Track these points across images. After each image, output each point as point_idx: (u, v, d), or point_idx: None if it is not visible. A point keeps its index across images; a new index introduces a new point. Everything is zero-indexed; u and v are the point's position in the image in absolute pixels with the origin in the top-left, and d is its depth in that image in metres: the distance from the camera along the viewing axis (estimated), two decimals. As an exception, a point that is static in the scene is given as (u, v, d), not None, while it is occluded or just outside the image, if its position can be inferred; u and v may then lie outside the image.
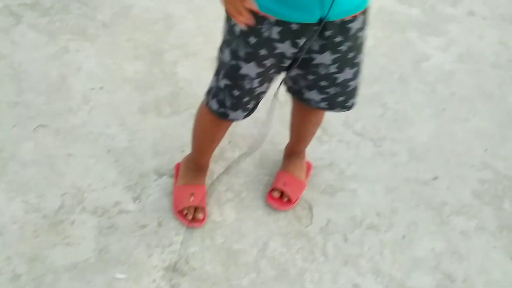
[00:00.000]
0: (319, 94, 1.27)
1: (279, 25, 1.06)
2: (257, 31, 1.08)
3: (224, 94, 1.23)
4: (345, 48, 1.15)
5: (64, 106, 1.71)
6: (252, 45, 1.10)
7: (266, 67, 1.16)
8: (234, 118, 1.29)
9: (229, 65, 1.17)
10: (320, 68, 1.19)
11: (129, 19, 2.07)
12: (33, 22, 1.94)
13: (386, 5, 2.46)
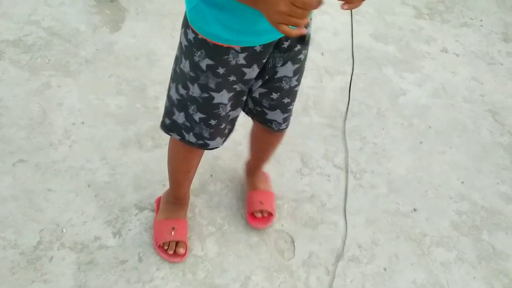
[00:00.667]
0: (282, 114, 1.30)
1: (244, 51, 1.09)
2: (224, 61, 1.10)
3: (200, 127, 1.23)
4: (303, 57, 1.21)
5: (45, 141, 1.71)
6: (221, 75, 1.13)
7: (237, 91, 1.19)
8: (214, 146, 1.28)
9: (201, 99, 1.17)
10: (283, 83, 1.22)
11: (112, 55, 2.10)
12: (15, 59, 1.95)
13: (363, 42, 2.54)
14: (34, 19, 2.15)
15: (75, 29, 2.18)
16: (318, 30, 2.60)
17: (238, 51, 1.08)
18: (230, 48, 1.07)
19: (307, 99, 2.11)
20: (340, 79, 2.26)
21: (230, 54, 1.09)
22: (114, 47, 2.14)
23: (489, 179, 1.92)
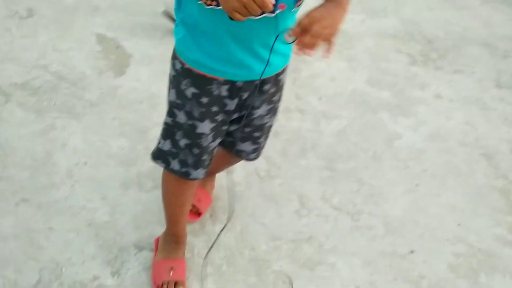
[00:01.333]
0: (251, 145, 1.40)
1: (227, 84, 1.19)
2: (208, 91, 1.19)
3: (185, 153, 1.28)
4: (277, 98, 1.32)
5: (48, 180, 1.74)
6: (205, 105, 1.21)
7: (218, 122, 1.26)
8: (195, 177, 1.32)
9: (187, 125, 1.24)
10: (256, 120, 1.33)
11: (116, 99, 2.17)
12: (21, 101, 2.02)
13: (358, 88, 2.62)
14: (42, 63, 2.24)
15: (81, 73, 2.26)
16: (315, 76, 2.69)
17: (221, 83, 1.19)
18: (213, 79, 1.18)
19: (304, 142, 2.16)
20: (337, 123, 2.32)
21: (214, 85, 1.19)
22: (118, 91, 2.21)
23: (485, 221, 1.94)
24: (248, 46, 1.13)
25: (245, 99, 1.24)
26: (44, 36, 2.40)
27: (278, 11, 1.06)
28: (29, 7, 2.56)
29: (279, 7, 1.05)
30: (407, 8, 3.87)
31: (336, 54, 2.95)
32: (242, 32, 1.11)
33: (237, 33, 1.11)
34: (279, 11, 1.06)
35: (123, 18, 2.71)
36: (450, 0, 4.20)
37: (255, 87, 1.21)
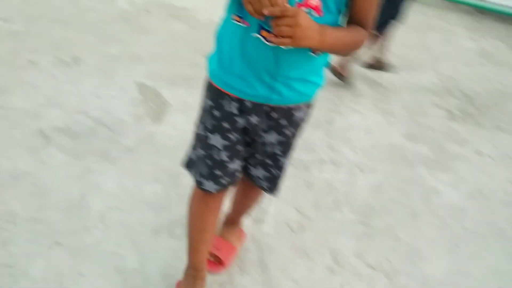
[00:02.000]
0: (264, 171, 1.42)
1: (237, 101, 1.26)
2: (220, 105, 1.28)
3: (201, 164, 1.36)
4: (289, 133, 1.34)
5: (81, 224, 1.75)
6: (217, 118, 1.29)
7: (232, 141, 1.31)
8: (207, 188, 1.36)
9: (202, 136, 1.34)
10: (267, 147, 1.36)
11: (152, 145, 2.20)
12: (61, 144, 2.07)
13: (394, 141, 2.58)
14: (84, 109, 2.31)
15: (120, 119, 2.31)
16: (349, 127, 2.67)
17: (232, 99, 1.26)
18: (225, 94, 1.26)
19: (338, 195, 2.12)
20: (372, 177, 2.27)
21: (225, 100, 1.26)
22: (155, 137, 2.24)
23: (532, 288, 1.81)
24: (255, 68, 1.20)
25: (255, 124, 1.30)
26: (87, 83, 2.49)
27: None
28: (75, 55, 2.68)
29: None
30: (444, 63, 3.86)
31: (372, 107, 2.94)
32: (253, 53, 1.18)
33: (249, 54, 1.19)
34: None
35: (163, 68, 2.80)
36: (488, 56, 4.17)
37: (264, 112, 1.27)
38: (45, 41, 2.72)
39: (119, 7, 3.33)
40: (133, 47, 2.92)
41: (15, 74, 2.40)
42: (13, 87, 2.31)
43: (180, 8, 3.54)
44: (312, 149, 2.39)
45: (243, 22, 1.17)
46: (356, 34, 1.20)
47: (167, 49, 3.00)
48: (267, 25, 1.11)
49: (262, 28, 1.14)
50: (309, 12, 1.11)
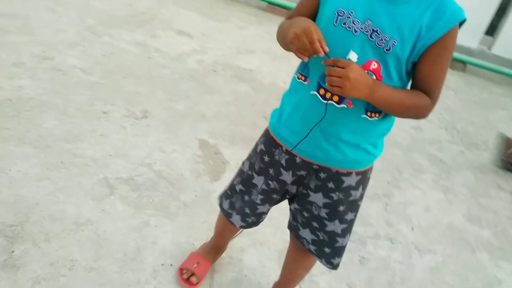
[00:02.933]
0: (310, 234, 1.42)
1: (288, 154, 1.33)
2: (272, 153, 1.36)
3: (236, 198, 1.49)
4: (336, 197, 1.34)
5: (134, 277, 1.78)
6: (265, 163, 1.39)
7: (270, 188, 1.41)
8: (234, 221, 1.52)
9: (246, 174, 1.45)
10: (313, 207, 1.37)
11: (209, 203, 2.24)
12: (124, 195, 2.15)
13: (455, 222, 2.48)
14: (148, 162, 2.40)
15: (181, 174, 2.38)
16: (408, 203, 2.61)
17: (283, 152, 1.34)
18: (279, 144, 1.35)
19: (393, 274, 2.04)
20: (430, 258, 2.18)
21: (277, 150, 1.35)
22: (212, 195, 2.28)
23: None
24: (309, 125, 1.26)
25: (304, 179, 1.35)
26: (153, 137, 2.60)
27: (343, 105, 1.20)
28: (145, 109, 2.82)
29: (346, 103, 1.20)
30: (510, 143, 3.72)
31: (432, 183, 2.86)
32: (309, 110, 1.25)
33: (305, 110, 1.26)
34: (344, 106, 1.20)
35: (225, 127, 2.88)
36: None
37: (312, 170, 1.32)
38: (119, 94, 2.89)
39: (189, 65, 3.51)
40: (199, 105, 3.04)
41: (89, 123, 2.55)
42: (86, 135, 2.45)
43: (245, 70, 3.67)
44: (369, 223, 2.34)
45: (305, 80, 1.26)
46: (417, 98, 1.19)
47: (230, 109, 3.09)
48: (323, 83, 1.19)
49: (320, 87, 1.21)
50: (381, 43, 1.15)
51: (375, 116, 1.22)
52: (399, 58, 1.15)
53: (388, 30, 1.13)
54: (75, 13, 3.81)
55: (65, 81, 2.87)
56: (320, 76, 1.21)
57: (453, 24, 1.14)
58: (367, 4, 1.14)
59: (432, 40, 1.13)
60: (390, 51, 1.14)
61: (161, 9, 4.43)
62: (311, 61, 1.23)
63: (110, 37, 3.59)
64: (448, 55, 1.17)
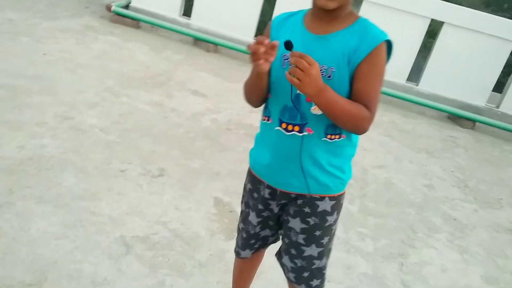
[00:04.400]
0: (290, 262, 1.52)
1: (269, 188, 1.50)
2: (258, 189, 1.53)
3: (239, 236, 1.66)
4: (312, 222, 1.45)
5: None
6: (255, 199, 1.55)
7: (264, 217, 1.56)
8: (244, 256, 1.68)
9: (244, 212, 1.62)
10: (292, 233, 1.49)
11: (223, 262, 2.24)
12: (140, 254, 2.16)
13: (472, 284, 2.45)
14: (163, 220, 2.43)
15: (196, 233, 2.40)
16: (424, 263, 2.58)
17: (265, 186, 1.50)
18: (260, 181, 1.51)
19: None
20: (448, 321, 2.13)
21: (261, 186, 1.52)
22: (226, 255, 2.29)
23: None
24: (279, 158, 1.42)
25: (286, 206, 1.50)
26: (169, 195, 2.65)
27: (304, 133, 1.37)
28: (161, 167, 2.88)
29: (306, 130, 1.37)
30: (524, 202, 3.72)
31: (447, 243, 2.84)
32: (276, 145, 1.42)
33: (273, 145, 1.43)
34: (305, 133, 1.37)
35: (239, 185, 2.90)
36: None
37: (291, 198, 1.47)
38: (135, 153, 2.97)
39: (204, 124, 3.60)
40: (212, 163, 3.10)
41: (106, 182, 2.61)
42: (103, 193, 2.50)
43: (257, 128, 3.75)
44: (384, 284, 2.31)
45: (268, 120, 1.44)
46: (358, 109, 1.30)
47: (243, 167, 3.13)
48: (285, 119, 1.38)
49: (281, 122, 1.39)
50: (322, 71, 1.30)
51: (335, 138, 1.38)
52: (341, 81, 1.31)
53: (325, 61, 1.31)
54: (95, 74, 3.97)
55: (84, 140, 2.96)
56: (279, 113, 1.40)
57: (375, 45, 1.29)
58: (304, 45, 1.33)
59: (359, 60, 1.30)
60: (331, 77, 1.31)
61: (177, 71, 4.61)
62: (270, 102, 1.44)
63: (128, 97, 3.72)
64: (377, 72, 1.32)
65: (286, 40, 1.24)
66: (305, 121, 1.37)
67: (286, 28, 1.42)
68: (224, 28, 5.63)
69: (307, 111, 1.36)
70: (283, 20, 1.45)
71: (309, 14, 1.41)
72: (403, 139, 4.41)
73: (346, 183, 1.49)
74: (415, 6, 5.17)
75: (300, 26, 1.40)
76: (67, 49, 4.34)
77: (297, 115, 1.37)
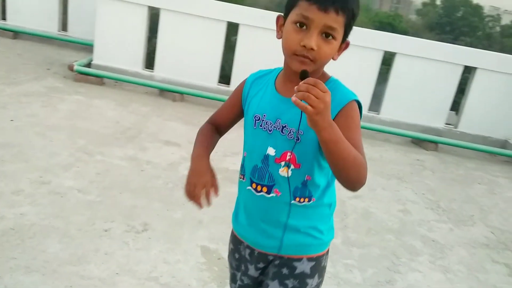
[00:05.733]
0: None
1: (249, 248, 1.47)
2: (239, 249, 1.51)
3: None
4: (291, 285, 1.40)
5: None
6: (237, 259, 1.53)
7: (245, 283, 1.51)
8: None
9: (231, 272, 1.60)
10: None
11: (219, 311, 2.25)
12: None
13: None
14: (154, 275, 2.43)
15: (187, 284, 2.41)
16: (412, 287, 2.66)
17: (245, 246, 1.48)
18: (241, 241, 1.49)
19: None
20: None
21: (241, 246, 1.50)
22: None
23: None
24: (253, 218, 1.42)
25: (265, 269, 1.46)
26: (156, 249, 2.65)
27: (272, 194, 1.37)
28: (144, 221, 2.89)
29: (274, 191, 1.37)
30: (494, 215, 3.90)
31: (429, 264, 2.94)
32: (249, 204, 1.43)
33: (247, 204, 1.44)
34: (273, 195, 1.37)
35: (224, 230, 2.95)
36: (538, 207, 4.18)
37: (268, 260, 1.44)
38: (117, 210, 2.97)
39: (181, 173, 3.64)
40: (194, 211, 3.13)
41: (92, 243, 2.60)
42: (90, 255, 2.49)
43: (234, 171, 3.81)
44: (377, 312, 2.37)
45: (243, 178, 1.43)
46: (358, 154, 1.20)
47: (226, 212, 3.17)
48: (255, 179, 1.38)
49: (252, 181, 1.39)
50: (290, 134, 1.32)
51: (304, 201, 1.36)
52: (311, 144, 1.29)
53: (294, 124, 1.29)
54: (66, 136, 3.98)
55: (64, 204, 2.94)
56: (250, 172, 1.39)
57: (346, 102, 1.28)
58: (275, 107, 1.35)
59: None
60: (299, 140, 1.30)
61: (146, 123, 4.66)
62: (245, 160, 1.43)
63: (102, 155, 3.73)
64: (355, 122, 1.27)
65: (303, 70, 1.19)
66: (273, 182, 1.36)
67: (259, 88, 1.43)
68: (188, 76, 5.76)
69: (275, 172, 1.35)
70: (257, 79, 1.46)
71: (281, 76, 1.40)
72: (373, 168, 4.57)
73: (328, 243, 1.44)
74: (369, 41, 5.45)
75: (271, 87, 1.40)
76: (34, 113, 4.34)
77: (266, 175, 1.36)
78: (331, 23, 1.22)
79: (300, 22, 1.24)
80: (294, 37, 1.25)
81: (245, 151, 1.45)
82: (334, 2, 1.21)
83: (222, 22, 5.60)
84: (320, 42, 1.23)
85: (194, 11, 5.62)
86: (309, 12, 1.22)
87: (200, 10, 5.62)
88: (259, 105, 1.40)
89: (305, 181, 1.35)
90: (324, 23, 1.22)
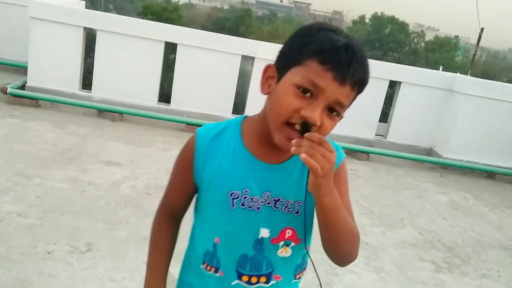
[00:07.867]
0: None
1: None
2: None
3: None
4: None
5: None
6: None
7: None
8: None
9: None
10: None
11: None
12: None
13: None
14: (101, 293, 2.46)
15: (135, 300, 2.45)
16: (349, 288, 2.85)
17: None
18: None
19: None
20: (378, 335, 2.39)
21: None
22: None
23: None
24: None
25: None
26: (101, 268, 2.67)
27: (272, 281, 1.13)
28: (88, 242, 2.90)
29: (273, 278, 1.13)
30: (421, 218, 4.22)
31: (364, 265, 3.16)
32: None
33: None
34: (273, 282, 1.13)
35: (169, 246, 3.02)
36: (458, 208, 4.58)
37: None
38: (59, 232, 2.96)
39: (124, 193, 3.67)
40: (139, 229, 3.18)
41: (35, 266, 2.58)
42: (34, 278, 2.48)
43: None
44: (318, 313, 2.53)
45: (217, 272, 1.13)
46: (354, 224, 1.09)
47: (170, 228, 3.26)
48: (247, 271, 1.11)
49: (241, 274, 1.11)
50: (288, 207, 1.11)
51: (302, 274, 1.21)
52: (310, 214, 1.11)
53: (289, 195, 1.09)
54: (2, 160, 3.89)
55: (3, 228, 2.90)
56: (236, 264, 1.12)
57: (338, 163, 1.11)
58: (259, 178, 1.08)
59: None
60: (299, 213, 1.10)
61: (86, 144, 4.63)
62: (218, 249, 1.13)
63: (41, 178, 3.68)
64: (346, 185, 1.16)
65: (304, 121, 0.97)
66: (271, 269, 1.12)
67: (220, 154, 1.11)
68: (127, 96, 5.78)
69: (273, 256, 1.12)
70: (211, 142, 1.12)
71: (252, 138, 1.11)
72: (310, 179, 4.79)
73: None
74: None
75: (243, 152, 1.10)
76: (-34, 138, 4.20)
77: (263, 263, 1.11)
78: (342, 99, 1.00)
79: (305, 88, 0.98)
80: (293, 103, 0.98)
81: (215, 236, 1.13)
82: (354, 75, 0.99)
83: (160, 42, 5.69)
84: (323, 117, 1.00)
85: (132, 31, 5.68)
86: (321, 80, 0.97)
87: (138, 31, 5.69)
88: (233, 178, 1.09)
89: (305, 253, 1.17)
90: (336, 98, 0.99)
